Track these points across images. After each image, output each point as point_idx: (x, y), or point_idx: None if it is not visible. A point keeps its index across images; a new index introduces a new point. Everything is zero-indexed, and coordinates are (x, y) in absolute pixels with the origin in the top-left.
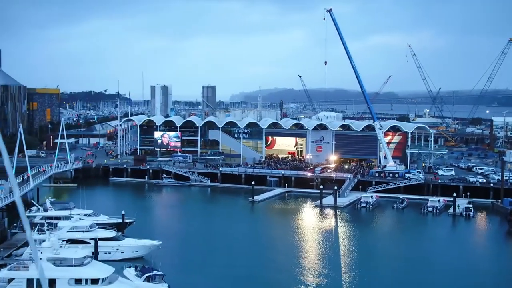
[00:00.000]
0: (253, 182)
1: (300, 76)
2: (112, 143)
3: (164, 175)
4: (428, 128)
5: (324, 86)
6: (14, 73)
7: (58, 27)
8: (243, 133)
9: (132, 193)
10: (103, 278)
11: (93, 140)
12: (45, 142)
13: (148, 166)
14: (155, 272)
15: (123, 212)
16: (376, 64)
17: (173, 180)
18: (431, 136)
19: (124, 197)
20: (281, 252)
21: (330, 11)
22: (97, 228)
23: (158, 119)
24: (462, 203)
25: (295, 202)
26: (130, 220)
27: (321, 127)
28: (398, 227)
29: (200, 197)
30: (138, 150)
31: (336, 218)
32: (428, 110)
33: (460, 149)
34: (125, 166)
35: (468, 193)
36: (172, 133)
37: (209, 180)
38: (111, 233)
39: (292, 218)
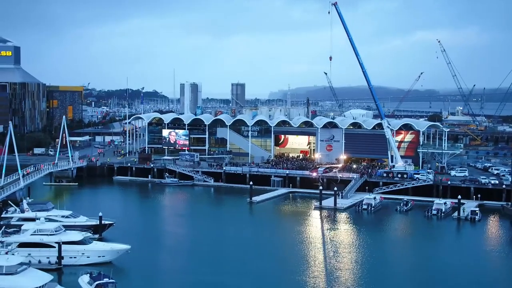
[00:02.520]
0: (251, 182)
1: (326, 73)
2: (122, 142)
3: (167, 174)
4: (441, 126)
5: (364, 83)
6: (54, 71)
7: (100, 26)
8: (251, 131)
9: (132, 193)
10: None
11: (111, 138)
12: (57, 140)
13: (152, 165)
14: (106, 280)
15: (100, 214)
16: (419, 60)
17: (176, 179)
18: (445, 135)
19: (121, 197)
20: (262, 258)
21: (335, 4)
22: (64, 231)
23: (167, 117)
24: (470, 205)
25: (295, 204)
26: (109, 222)
27: (331, 125)
28: (396, 232)
29: (199, 197)
30: (146, 148)
31: (332, 221)
32: (461, 108)
33: (486, 148)
34: (129, 164)
35: (479, 195)
36: (180, 131)
37: (213, 180)
38: (77, 237)
39: (287, 221)
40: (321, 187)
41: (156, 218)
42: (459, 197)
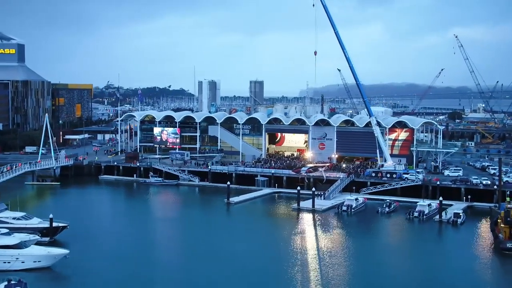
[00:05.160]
0: (228, 182)
1: (339, 70)
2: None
3: (151, 173)
4: (436, 123)
5: (396, 81)
6: (84, 69)
7: (131, 25)
8: (243, 129)
9: (113, 193)
10: None
11: (109, 136)
12: (54, 138)
13: (138, 164)
14: None
15: (51, 216)
16: (454, 57)
17: (160, 179)
18: (440, 133)
19: (100, 197)
20: (222, 266)
21: None
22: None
23: (158, 115)
24: (458, 207)
25: (274, 205)
26: (63, 224)
27: (324, 122)
28: (369, 235)
29: (179, 197)
30: (138, 146)
31: (306, 224)
32: (483, 105)
33: (497, 146)
34: (115, 163)
35: (469, 196)
36: (170, 129)
37: (198, 179)
38: (12, 240)
39: (259, 223)
40: (299, 188)
41: (123, 220)
42: (441, 198)
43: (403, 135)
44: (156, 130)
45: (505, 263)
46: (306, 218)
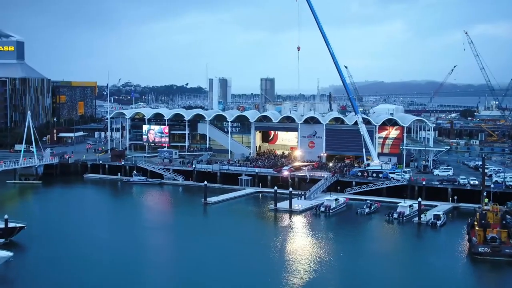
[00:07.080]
0: (205, 182)
1: (346, 67)
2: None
3: (134, 172)
4: (427, 121)
5: (416, 78)
6: (105, 67)
7: (152, 23)
8: (232, 127)
9: (94, 192)
10: None
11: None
12: (48, 136)
13: (123, 162)
14: None
15: (6, 216)
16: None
17: (143, 177)
18: (432, 130)
19: (78, 197)
20: (176, 271)
21: None
22: None
23: (148, 112)
24: (440, 208)
25: (252, 205)
26: (20, 225)
27: (313, 120)
28: (343, 239)
29: (158, 197)
30: (128, 145)
31: (279, 226)
32: (496, 102)
33: (502, 145)
34: (101, 162)
35: (455, 197)
36: (156, 128)
37: (182, 178)
38: None
39: (231, 224)
40: (276, 188)
41: (92, 221)
42: (420, 199)
43: (393, 133)
44: (144, 128)
45: (476, 269)
46: (282, 219)
